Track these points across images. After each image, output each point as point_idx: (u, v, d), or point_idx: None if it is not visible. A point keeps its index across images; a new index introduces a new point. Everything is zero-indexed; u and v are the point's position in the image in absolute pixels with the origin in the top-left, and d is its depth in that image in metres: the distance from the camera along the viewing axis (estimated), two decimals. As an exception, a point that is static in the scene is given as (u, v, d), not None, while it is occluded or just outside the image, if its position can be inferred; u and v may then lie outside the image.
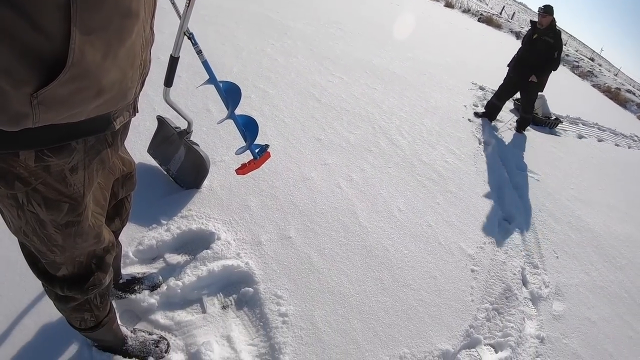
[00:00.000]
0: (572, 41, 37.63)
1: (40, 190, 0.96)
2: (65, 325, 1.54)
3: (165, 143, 2.78)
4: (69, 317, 1.44)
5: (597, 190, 5.54)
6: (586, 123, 8.95)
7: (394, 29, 10.11)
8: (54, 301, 1.34)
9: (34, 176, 0.92)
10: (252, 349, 1.99)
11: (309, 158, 3.54)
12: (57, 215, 1.03)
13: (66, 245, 1.13)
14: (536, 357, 2.57)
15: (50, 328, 1.75)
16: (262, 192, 2.95)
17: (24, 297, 1.82)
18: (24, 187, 0.93)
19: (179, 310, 2.06)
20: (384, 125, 4.69)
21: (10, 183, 0.91)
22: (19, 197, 0.96)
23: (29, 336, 1.70)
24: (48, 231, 1.06)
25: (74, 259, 1.21)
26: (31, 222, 1.03)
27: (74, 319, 1.43)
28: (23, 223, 1.03)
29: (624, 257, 4.12)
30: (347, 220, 2.99)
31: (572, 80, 16.07)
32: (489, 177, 4.47)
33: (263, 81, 4.72)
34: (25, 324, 1.74)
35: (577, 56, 23.22)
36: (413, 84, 6.56)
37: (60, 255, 1.15)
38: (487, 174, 4.55)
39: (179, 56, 2.18)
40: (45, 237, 1.07)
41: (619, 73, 28.38)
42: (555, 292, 3.18)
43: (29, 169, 0.90)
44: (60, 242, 1.11)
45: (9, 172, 0.89)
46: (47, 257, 1.16)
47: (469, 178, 4.29)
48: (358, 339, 2.20)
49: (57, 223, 1.05)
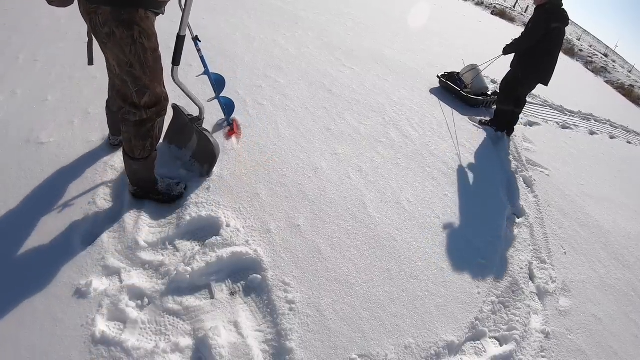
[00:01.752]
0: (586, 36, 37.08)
1: (145, 29, 1.83)
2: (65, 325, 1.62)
3: (179, 131, 2.82)
4: (134, 147, 2.17)
5: (607, 187, 5.50)
6: (598, 119, 8.84)
7: (406, 21, 10.02)
8: (133, 127, 2.10)
9: (143, 22, 1.81)
10: (258, 335, 2.02)
11: (319, 148, 3.54)
12: (153, 43, 1.91)
13: (155, 66, 1.98)
14: (541, 351, 2.57)
15: (50, 328, 1.78)
16: (272, 180, 2.96)
17: (24, 297, 1.85)
18: (138, 28, 1.80)
19: (187, 295, 2.09)
20: (395, 117, 4.67)
21: (131, 27, 1.78)
22: (135, 35, 1.80)
23: (27, 337, 1.73)
24: (147, 56, 1.90)
25: (155, 88, 2.03)
26: (138, 52, 1.86)
27: (137, 147, 2.17)
28: (132, 55, 1.85)
29: (632, 255, 4.10)
30: (355, 210, 3.00)
31: (585, 76, 15.86)
32: (498, 171, 4.45)
33: (274, 71, 4.72)
34: (26, 324, 1.78)
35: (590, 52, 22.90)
36: (424, 75, 6.51)
37: (149, 77, 1.97)
38: (497, 167, 4.53)
39: (185, 35, 2.19)
40: (145, 61, 1.90)
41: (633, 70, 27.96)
42: (562, 288, 3.18)
43: (142, 17, 1.80)
44: (151, 64, 1.95)
45: (132, 21, 1.77)
46: (141, 81, 1.96)
47: (478, 171, 4.27)
48: (364, 327, 2.21)
49: (152, 48, 1.91)
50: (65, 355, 1.69)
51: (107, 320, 1.88)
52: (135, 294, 2.01)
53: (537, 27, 4.64)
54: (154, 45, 1.93)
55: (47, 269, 1.98)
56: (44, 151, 2.63)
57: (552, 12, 4.62)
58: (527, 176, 4.57)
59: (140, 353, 1.75)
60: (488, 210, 3.66)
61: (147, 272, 2.14)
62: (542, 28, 4.59)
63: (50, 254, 2.05)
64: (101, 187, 2.49)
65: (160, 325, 1.93)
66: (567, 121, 7.59)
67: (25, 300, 1.84)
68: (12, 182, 2.35)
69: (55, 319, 1.80)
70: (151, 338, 1.87)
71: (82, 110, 3.08)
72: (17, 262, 1.98)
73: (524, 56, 4.87)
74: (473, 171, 4.23)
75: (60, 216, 2.25)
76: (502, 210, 3.75)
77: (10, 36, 3.88)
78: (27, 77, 3.32)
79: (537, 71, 4.85)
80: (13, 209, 2.21)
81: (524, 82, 5.00)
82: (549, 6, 4.63)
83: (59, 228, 2.18)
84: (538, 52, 4.73)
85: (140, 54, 1.87)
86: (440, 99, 5.83)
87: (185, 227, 2.42)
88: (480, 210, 3.59)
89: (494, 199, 3.88)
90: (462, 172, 4.10)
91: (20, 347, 1.68)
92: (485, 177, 4.20)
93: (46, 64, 3.55)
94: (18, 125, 2.79)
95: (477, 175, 4.19)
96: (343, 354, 2.06)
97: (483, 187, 4.02)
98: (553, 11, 4.62)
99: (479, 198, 3.77)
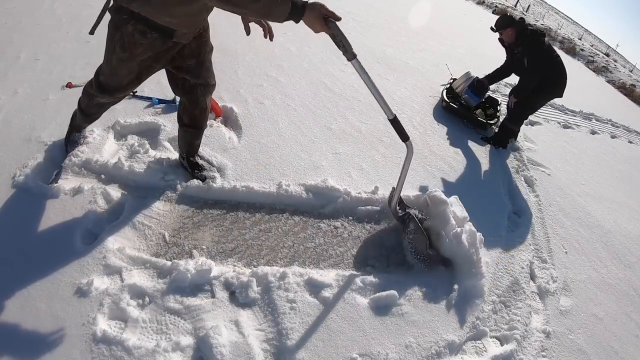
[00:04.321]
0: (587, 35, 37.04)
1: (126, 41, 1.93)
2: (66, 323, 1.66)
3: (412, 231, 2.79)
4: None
5: (608, 186, 5.49)
6: (600, 119, 8.83)
7: (408, 20, 10.01)
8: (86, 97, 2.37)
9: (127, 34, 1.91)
10: (259, 334, 2.02)
11: (320, 147, 3.54)
12: (125, 54, 1.98)
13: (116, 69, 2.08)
14: (541, 351, 2.57)
15: (51, 326, 1.78)
16: (273, 179, 2.96)
17: (25, 296, 1.86)
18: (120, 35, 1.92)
19: (188, 294, 2.10)
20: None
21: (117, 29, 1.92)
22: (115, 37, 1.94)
23: (29, 336, 1.73)
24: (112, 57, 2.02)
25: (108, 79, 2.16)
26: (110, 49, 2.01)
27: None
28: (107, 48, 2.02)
29: (633, 255, 4.09)
30: (356, 209, 3.00)
31: (586, 76, 15.83)
32: (500, 170, 4.45)
33: (275, 70, 4.71)
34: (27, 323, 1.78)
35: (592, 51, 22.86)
36: (426, 75, 6.50)
37: (107, 71, 2.12)
38: (498, 166, 4.53)
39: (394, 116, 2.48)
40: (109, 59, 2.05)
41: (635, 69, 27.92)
42: (563, 288, 3.17)
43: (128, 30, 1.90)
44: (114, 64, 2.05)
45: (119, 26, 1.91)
46: (101, 68, 2.17)
47: (479, 170, 4.27)
48: (365, 326, 2.22)
49: (120, 58, 2.00)
50: (67, 354, 1.70)
51: (108, 319, 1.88)
52: (136, 293, 2.02)
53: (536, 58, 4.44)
54: (124, 56, 2.00)
55: (48, 268, 1.98)
56: (44, 150, 2.63)
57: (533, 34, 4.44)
58: (528, 175, 4.57)
59: (141, 352, 1.76)
60: (489, 209, 3.65)
61: (148, 271, 2.14)
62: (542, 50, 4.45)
63: (51, 253, 2.05)
64: (102, 186, 2.49)
65: (161, 324, 1.93)
66: (568, 121, 7.58)
67: (26, 299, 1.84)
68: (12, 182, 2.35)
69: (56, 317, 1.81)
70: (152, 337, 1.87)
71: (83, 109, 3.08)
72: (18, 261, 1.98)
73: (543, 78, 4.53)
74: (474, 170, 4.23)
75: (61, 215, 2.25)
76: (503, 209, 3.75)
77: (12, 35, 3.88)
78: (29, 76, 3.33)
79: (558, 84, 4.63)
80: (13, 209, 2.21)
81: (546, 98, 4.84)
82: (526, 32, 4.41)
83: (60, 227, 2.19)
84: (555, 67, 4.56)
85: (110, 52, 2.02)
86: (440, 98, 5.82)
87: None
88: (481, 210, 3.58)
89: (495, 198, 3.88)
90: (463, 172, 4.10)
91: (22, 346, 1.69)
92: (486, 177, 4.20)
93: (47, 63, 3.56)
94: (19, 124, 2.80)
95: (478, 174, 4.19)
96: (344, 353, 2.06)
97: (484, 186, 4.02)
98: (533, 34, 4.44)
99: (480, 197, 3.77)
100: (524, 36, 4.46)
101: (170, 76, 2.36)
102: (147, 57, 2.04)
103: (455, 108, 5.24)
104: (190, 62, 2.25)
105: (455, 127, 5.01)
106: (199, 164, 2.83)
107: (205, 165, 2.86)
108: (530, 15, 25.40)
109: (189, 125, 2.56)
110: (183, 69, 2.26)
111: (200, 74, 2.32)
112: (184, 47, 2.15)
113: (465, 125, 5.12)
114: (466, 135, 4.94)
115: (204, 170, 2.80)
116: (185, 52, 2.19)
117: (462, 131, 5.00)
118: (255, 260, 2.41)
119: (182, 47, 2.15)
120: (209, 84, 2.40)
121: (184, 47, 2.15)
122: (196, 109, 2.47)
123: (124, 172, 2.59)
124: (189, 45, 2.17)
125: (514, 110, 4.80)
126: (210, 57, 2.38)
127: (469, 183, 3.94)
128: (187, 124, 2.56)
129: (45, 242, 2.10)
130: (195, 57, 2.25)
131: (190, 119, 2.53)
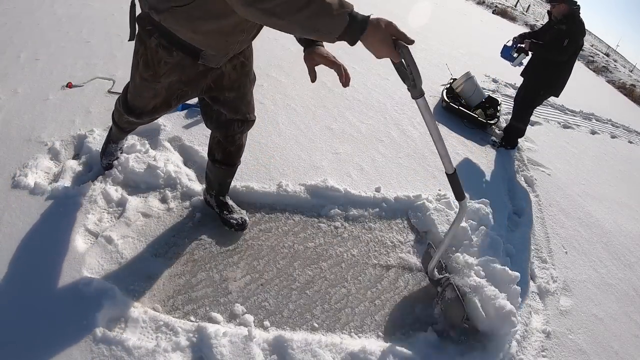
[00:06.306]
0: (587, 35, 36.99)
1: (148, 57, 1.71)
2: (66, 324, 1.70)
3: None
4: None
5: (608, 186, 5.49)
6: (600, 119, 8.83)
7: (407, 20, 10.00)
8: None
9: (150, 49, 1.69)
10: (260, 334, 2.02)
11: (320, 147, 3.54)
12: (146, 72, 1.75)
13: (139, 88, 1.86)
14: (541, 351, 2.57)
15: (51, 327, 1.78)
16: (273, 179, 2.96)
17: (24, 297, 1.86)
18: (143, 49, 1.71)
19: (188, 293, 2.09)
20: (396, 116, 4.67)
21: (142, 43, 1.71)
22: (140, 51, 1.73)
23: (29, 336, 1.73)
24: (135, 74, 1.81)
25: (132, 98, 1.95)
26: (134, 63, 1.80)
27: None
28: (133, 61, 1.80)
29: (633, 255, 4.10)
30: (356, 209, 3.00)
31: (586, 76, 15.81)
32: (499, 170, 4.45)
33: (275, 70, 4.72)
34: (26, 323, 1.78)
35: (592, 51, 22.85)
36: (426, 75, 6.48)
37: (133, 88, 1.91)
38: (498, 166, 4.53)
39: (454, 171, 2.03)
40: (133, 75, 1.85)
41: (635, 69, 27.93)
42: (563, 288, 3.17)
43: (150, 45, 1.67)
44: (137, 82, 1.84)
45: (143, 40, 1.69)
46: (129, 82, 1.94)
47: (479, 170, 4.27)
48: (365, 327, 2.21)
49: (142, 76, 1.77)
50: (67, 354, 1.69)
51: (108, 319, 1.88)
52: (136, 293, 2.02)
53: (573, 45, 4.37)
54: (147, 75, 1.76)
55: (47, 268, 1.98)
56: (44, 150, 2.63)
57: (581, 24, 4.39)
58: (528, 175, 4.57)
59: (141, 352, 1.75)
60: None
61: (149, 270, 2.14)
62: (578, 46, 4.41)
63: (51, 253, 2.05)
64: (102, 186, 2.49)
65: (161, 324, 1.93)
66: (568, 121, 7.59)
67: (25, 300, 1.84)
68: (12, 182, 2.35)
69: (56, 318, 1.80)
70: (152, 337, 1.87)
71: (83, 109, 3.09)
72: (18, 261, 1.98)
73: (546, 70, 4.59)
74: (474, 170, 4.23)
75: (61, 215, 2.25)
76: (503, 209, 3.75)
77: (12, 35, 3.88)
78: (29, 76, 3.33)
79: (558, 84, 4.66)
80: (13, 208, 2.21)
81: (543, 95, 4.83)
82: (577, 18, 4.37)
83: (60, 227, 2.19)
84: (564, 67, 4.55)
85: (134, 67, 1.81)
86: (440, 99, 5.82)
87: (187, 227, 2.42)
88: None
89: (495, 198, 3.87)
90: (463, 171, 4.08)
91: (21, 348, 1.68)
92: (486, 177, 4.21)
93: (47, 63, 3.55)
94: (19, 124, 2.79)
95: (478, 174, 4.19)
96: (344, 353, 2.06)
97: (484, 186, 4.02)
98: (581, 24, 4.40)
99: (480, 197, 3.75)
100: (573, 19, 4.40)
101: (204, 107, 2.11)
102: (174, 79, 1.79)
103: (455, 108, 5.29)
104: (229, 95, 1.98)
105: (455, 127, 5.02)
106: (229, 205, 2.50)
107: (234, 207, 2.51)
108: (530, 15, 25.37)
109: (222, 162, 2.29)
110: (220, 102, 2.00)
111: (239, 110, 2.06)
112: (222, 76, 1.89)
113: (465, 125, 5.16)
114: (466, 135, 4.94)
115: (233, 213, 2.48)
116: (224, 83, 1.92)
117: (462, 131, 5.00)
118: (256, 260, 2.41)
119: (221, 77, 1.89)
120: (248, 120, 2.15)
121: (222, 76, 1.89)
122: (232, 145, 2.23)
123: (124, 172, 2.59)
124: (229, 75, 1.91)
125: (518, 108, 4.92)
126: (252, 90, 2.11)
127: (469, 183, 3.93)
128: (220, 160, 2.29)
129: (45, 242, 2.10)
130: (235, 90, 1.98)
131: (224, 156, 2.27)
